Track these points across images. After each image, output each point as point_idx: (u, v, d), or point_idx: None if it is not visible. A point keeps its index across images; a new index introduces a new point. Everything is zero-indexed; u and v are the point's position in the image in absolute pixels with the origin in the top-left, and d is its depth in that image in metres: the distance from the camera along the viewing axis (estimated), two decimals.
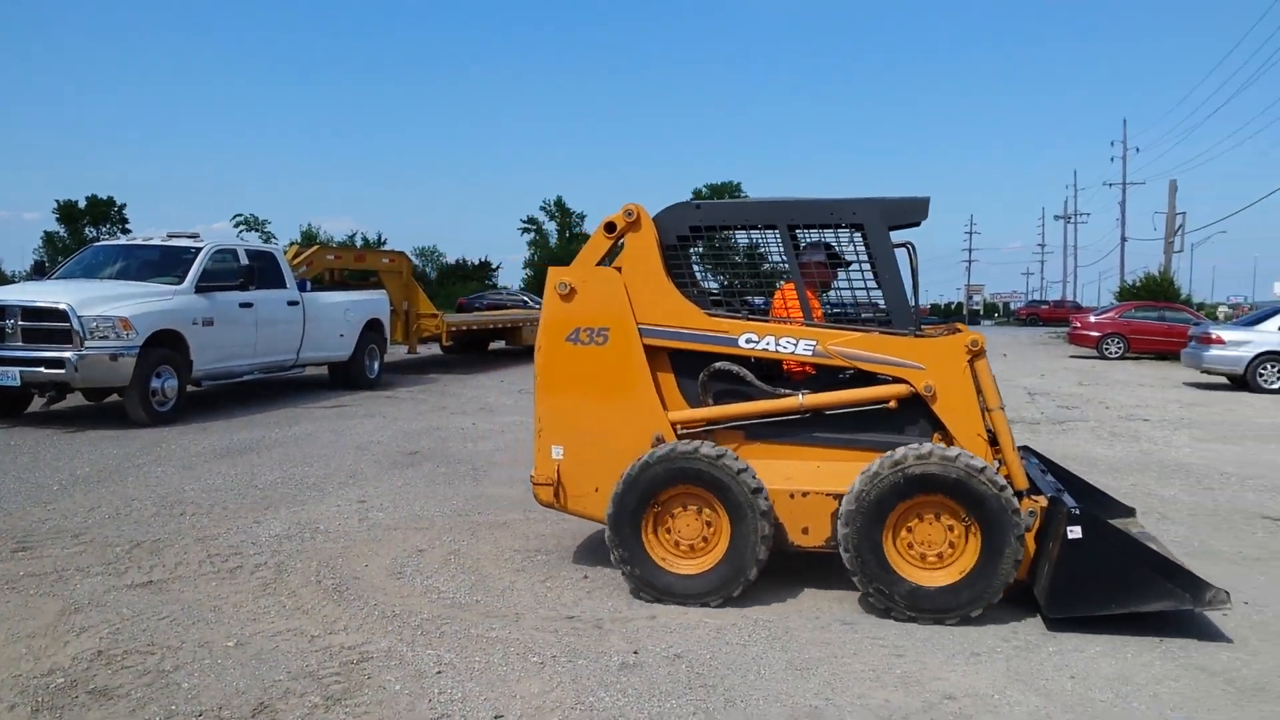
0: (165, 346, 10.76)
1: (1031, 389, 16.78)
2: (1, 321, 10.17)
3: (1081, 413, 13.47)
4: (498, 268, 66.45)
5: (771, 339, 5.07)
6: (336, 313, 14.25)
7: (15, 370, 10.05)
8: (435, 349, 21.62)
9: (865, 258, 5.17)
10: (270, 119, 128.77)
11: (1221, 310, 52.35)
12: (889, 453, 4.74)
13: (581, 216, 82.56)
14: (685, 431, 5.17)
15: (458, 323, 19.67)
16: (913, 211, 5.15)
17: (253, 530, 6.25)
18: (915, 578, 4.71)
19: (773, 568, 5.55)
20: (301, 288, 13.80)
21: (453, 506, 7.11)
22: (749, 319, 5.16)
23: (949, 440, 4.94)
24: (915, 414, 5.04)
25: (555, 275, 5.25)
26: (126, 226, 63.26)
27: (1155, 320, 26.69)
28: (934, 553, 4.73)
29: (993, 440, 5.00)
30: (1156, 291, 36.97)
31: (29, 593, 4.97)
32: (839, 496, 4.85)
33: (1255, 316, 19.10)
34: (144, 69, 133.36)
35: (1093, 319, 28.41)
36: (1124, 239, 56.24)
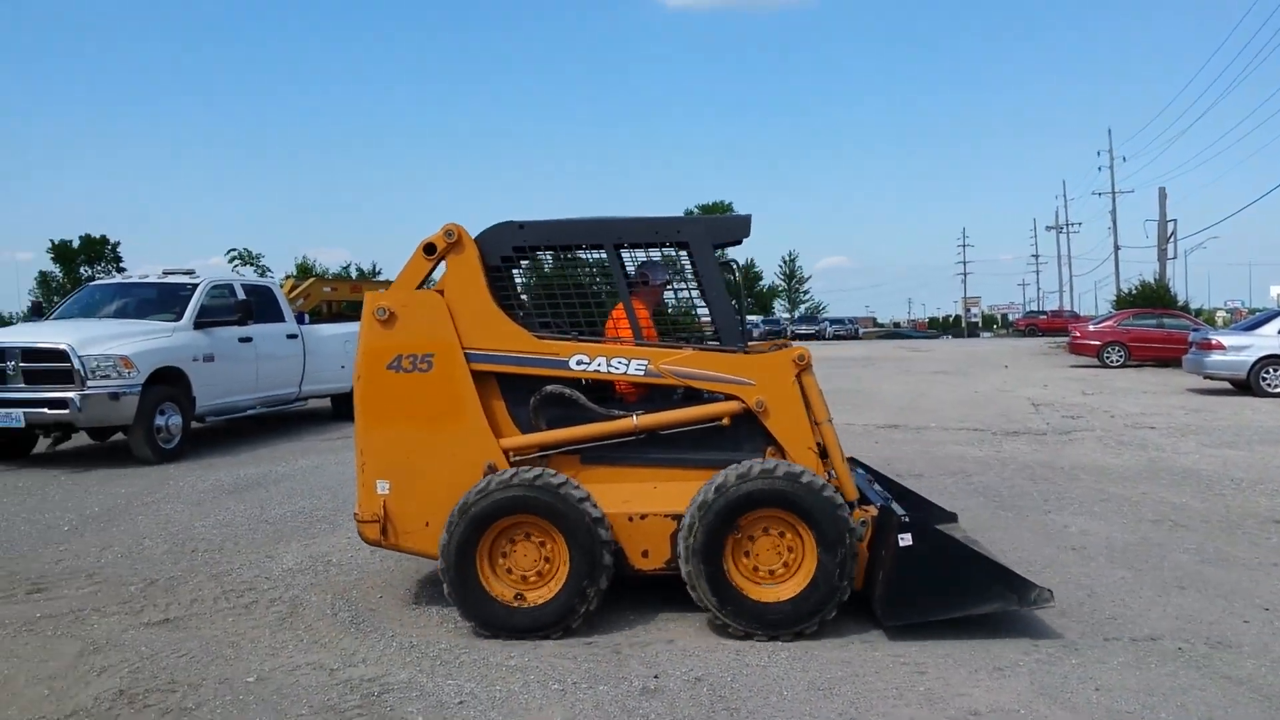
0: (167, 384, 10.73)
1: (1035, 400, 16.79)
2: (2, 364, 10.17)
3: (1087, 422, 13.47)
4: None
5: (603, 360, 5.01)
6: (336, 345, 14.21)
7: (19, 412, 10.02)
8: None
9: (691, 275, 5.14)
10: (269, 153, 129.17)
11: (1220, 315, 52.42)
12: (731, 467, 4.75)
13: None
14: (519, 458, 5.05)
15: None
16: (735, 229, 5.22)
17: (266, 565, 6.23)
18: (755, 594, 4.73)
19: None
20: (300, 320, 13.82)
21: None
22: (579, 340, 5.09)
23: (781, 455, 4.96)
24: (748, 430, 5.03)
25: (372, 300, 5.05)
26: (121, 265, 63.10)
27: (1154, 328, 26.74)
28: (769, 568, 4.77)
29: (823, 453, 5.02)
30: (1153, 299, 37.09)
31: (46, 634, 4.95)
32: (678, 517, 4.83)
33: (1255, 321, 19.21)
34: (130, 103, 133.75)
35: (1092, 328, 28.42)
36: (1117, 247, 56.53)
